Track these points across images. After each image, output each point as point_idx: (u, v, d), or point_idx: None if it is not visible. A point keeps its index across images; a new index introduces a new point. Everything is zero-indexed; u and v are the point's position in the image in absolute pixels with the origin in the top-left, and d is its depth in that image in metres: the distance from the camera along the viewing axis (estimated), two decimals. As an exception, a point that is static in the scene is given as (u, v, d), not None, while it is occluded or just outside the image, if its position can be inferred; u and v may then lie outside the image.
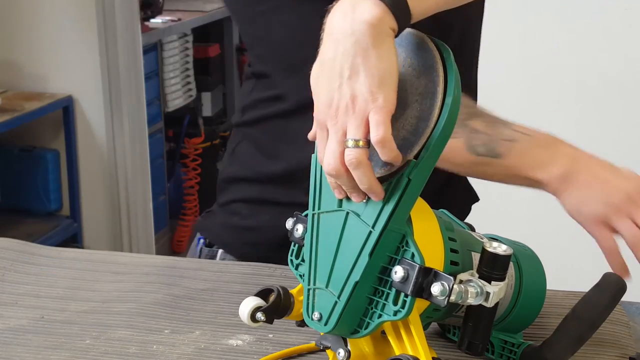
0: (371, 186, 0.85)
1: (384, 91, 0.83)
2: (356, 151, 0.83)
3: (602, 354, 1.06)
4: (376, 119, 0.83)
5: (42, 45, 3.25)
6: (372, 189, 0.86)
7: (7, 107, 3.11)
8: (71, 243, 3.34)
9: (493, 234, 1.07)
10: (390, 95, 0.84)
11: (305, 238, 0.94)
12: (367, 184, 0.85)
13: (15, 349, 1.08)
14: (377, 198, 0.86)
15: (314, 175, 0.95)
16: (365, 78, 0.84)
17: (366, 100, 0.83)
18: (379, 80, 0.84)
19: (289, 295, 0.99)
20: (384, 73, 0.84)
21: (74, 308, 1.19)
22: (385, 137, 0.82)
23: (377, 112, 0.83)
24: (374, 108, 0.83)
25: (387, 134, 0.82)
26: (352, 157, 0.84)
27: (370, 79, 0.84)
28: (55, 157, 3.34)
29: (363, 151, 0.84)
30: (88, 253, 1.39)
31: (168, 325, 1.14)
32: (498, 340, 1.02)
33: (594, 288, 1.00)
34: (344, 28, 0.85)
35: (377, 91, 0.83)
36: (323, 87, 0.87)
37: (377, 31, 0.84)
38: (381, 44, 0.84)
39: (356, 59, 0.84)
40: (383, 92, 0.83)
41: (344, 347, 0.94)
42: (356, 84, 0.84)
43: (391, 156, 0.84)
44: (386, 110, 0.83)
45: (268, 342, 1.09)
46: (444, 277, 0.85)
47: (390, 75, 0.84)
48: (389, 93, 0.84)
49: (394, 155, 0.84)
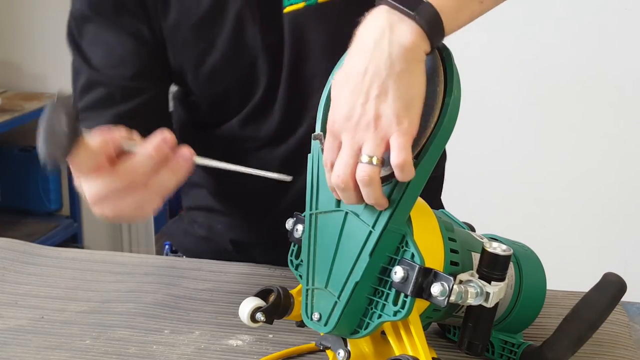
0: (378, 202, 0.86)
1: (409, 116, 0.83)
2: (370, 168, 0.83)
3: (602, 354, 1.06)
4: (399, 142, 0.82)
5: (42, 45, 3.25)
6: (378, 203, 0.86)
7: (7, 107, 3.11)
8: (71, 243, 3.34)
9: (493, 234, 1.07)
10: (415, 121, 0.84)
11: (303, 238, 0.94)
12: (374, 199, 0.85)
13: (15, 349, 1.08)
14: (381, 208, 0.87)
15: (310, 175, 0.94)
16: (394, 101, 0.83)
17: (390, 122, 0.83)
18: (406, 104, 0.83)
19: (289, 296, 0.99)
20: (412, 99, 0.84)
21: (74, 308, 1.19)
22: (407, 161, 0.82)
23: (401, 135, 0.83)
24: (398, 131, 0.83)
25: (409, 158, 0.83)
26: (365, 174, 0.83)
27: (399, 103, 0.83)
28: (55, 157, 3.33)
29: (377, 169, 0.83)
30: (88, 253, 1.39)
31: (168, 325, 1.14)
32: (498, 340, 1.02)
33: (594, 288, 1.00)
34: (380, 47, 0.84)
35: (403, 115, 0.83)
36: (345, 99, 0.86)
37: (412, 56, 0.84)
38: (414, 69, 0.84)
39: (387, 80, 0.83)
40: (409, 117, 0.83)
41: (344, 347, 0.94)
42: (383, 104, 0.83)
43: (408, 178, 0.84)
44: (410, 135, 0.83)
45: (268, 342, 1.09)
46: (443, 277, 0.85)
47: (418, 101, 0.84)
48: (414, 119, 0.84)
49: (410, 177, 0.84)
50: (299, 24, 1.15)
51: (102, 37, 1.18)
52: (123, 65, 1.18)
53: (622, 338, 1.10)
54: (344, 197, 0.87)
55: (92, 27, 1.19)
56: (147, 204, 0.92)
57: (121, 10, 1.17)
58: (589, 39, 2.81)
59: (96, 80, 1.18)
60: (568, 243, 2.91)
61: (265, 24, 1.16)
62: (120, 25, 1.17)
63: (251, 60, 1.18)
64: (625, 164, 2.87)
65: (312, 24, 1.15)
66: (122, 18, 1.17)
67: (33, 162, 3.31)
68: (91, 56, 1.19)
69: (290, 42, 1.16)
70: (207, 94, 1.24)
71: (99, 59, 1.18)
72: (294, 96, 1.20)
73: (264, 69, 1.19)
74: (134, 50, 1.18)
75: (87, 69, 1.19)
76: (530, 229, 2.64)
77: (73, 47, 1.21)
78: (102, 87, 1.18)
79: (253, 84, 1.20)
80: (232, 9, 1.15)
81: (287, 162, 1.22)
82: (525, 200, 2.97)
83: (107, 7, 1.17)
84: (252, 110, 1.23)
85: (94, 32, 1.19)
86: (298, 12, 1.14)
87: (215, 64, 1.19)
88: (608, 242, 2.88)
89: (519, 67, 2.89)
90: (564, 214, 2.92)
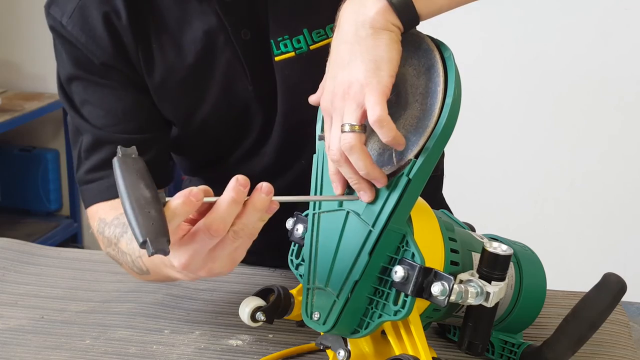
0: (369, 171, 0.85)
1: (378, 75, 0.84)
2: (350, 136, 0.84)
3: (602, 354, 1.06)
4: (371, 100, 0.83)
5: (42, 45, 3.24)
6: (371, 174, 0.85)
7: (7, 107, 3.11)
8: (71, 243, 3.34)
9: (493, 234, 1.07)
10: (385, 80, 0.84)
11: (305, 238, 0.94)
12: (364, 168, 0.85)
13: (15, 349, 1.08)
14: (380, 184, 0.86)
15: (315, 175, 0.95)
16: (362, 63, 0.85)
17: (361, 85, 0.84)
18: (374, 65, 0.84)
19: (289, 295, 0.99)
20: (379, 59, 0.85)
21: (74, 308, 1.19)
22: (382, 116, 0.82)
23: (370, 93, 0.83)
24: (368, 91, 0.83)
25: (383, 113, 0.82)
26: (346, 142, 0.84)
27: (366, 64, 0.84)
28: (55, 157, 3.33)
29: (357, 136, 0.84)
30: (88, 253, 1.39)
31: (168, 325, 1.13)
32: (498, 340, 1.02)
33: (594, 288, 1.00)
34: (349, 22, 0.87)
35: (371, 75, 0.84)
36: (329, 76, 0.89)
37: (377, 25, 0.86)
38: (379, 35, 0.86)
39: (354, 46, 0.86)
40: (377, 77, 0.84)
41: (344, 347, 0.94)
42: (353, 70, 0.85)
43: (391, 135, 0.83)
44: (380, 91, 0.83)
45: (268, 342, 1.09)
46: (444, 277, 0.85)
47: (386, 62, 0.85)
48: (384, 77, 0.84)
49: (394, 134, 0.83)
50: (290, 72, 1.14)
51: (97, 95, 1.16)
52: (125, 121, 1.16)
53: (622, 338, 1.10)
54: (344, 174, 0.87)
55: (83, 85, 1.16)
56: (240, 251, 0.85)
57: (110, 70, 1.14)
58: (588, 39, 2.81)
59: (101, 139, 1.16)
60: (568, 243, 2.91)
61: (256, 74, 1.14)
62: (114, 82, 1.15)
63: (243, 108, 1.17)
64: (626, 164, 2.87)
65: (304, 71, 1.13)
66: (111, 75, 1.15)
67: (33, 162, 3.32)
68: (90, 115, 1.16)
69: (282, 90, 1.15)
70: (198, 142, 1.22)
71: (99, 117, 1.16)
72: (288, 138, 1.18)
73: (256, 114, 1.17)
74: (133, 101, 1.16)
75: (90, 128, 1.16)
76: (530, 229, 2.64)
77: (69, 106, 1.18)
78: (109, 145, 1.15)
79: (245, 126, 1.19)
80: (220, 61, 1.14)
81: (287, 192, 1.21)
82: (525, 200, 2.97)
83: (94, 68, 1.14)
84: (245, 151, 1.21)
85: (87, 91, 1.16)
86: (289, 61, 1.13)
87: (205, 117, 1.17)
88: (608, 242, 2.88)
89: (519, 68, 2.89)
90: (564, 214, 2.92)
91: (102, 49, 1.13)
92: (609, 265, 1.35)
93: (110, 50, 1.13)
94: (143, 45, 1.13)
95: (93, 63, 1.14)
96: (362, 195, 0.88)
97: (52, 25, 1.16)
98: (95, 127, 1.16)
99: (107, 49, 1.13)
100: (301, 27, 1.13)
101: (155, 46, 1.14)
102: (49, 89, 3.29)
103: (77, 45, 1.14)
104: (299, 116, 1.11)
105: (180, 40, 1.13)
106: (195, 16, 1.13)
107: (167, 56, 1.14)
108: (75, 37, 1.13)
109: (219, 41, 1.13)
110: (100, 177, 1.16)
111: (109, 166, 1.14)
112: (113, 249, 1.12)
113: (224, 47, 1.13)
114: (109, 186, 1.15)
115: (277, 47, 1.13)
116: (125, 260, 1.10)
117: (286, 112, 1.16)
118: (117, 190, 1.06)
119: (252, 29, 1.13)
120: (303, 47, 1.13)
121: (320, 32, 1.13)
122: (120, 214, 1.10)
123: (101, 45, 1.13)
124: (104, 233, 1.14)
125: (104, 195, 1.16)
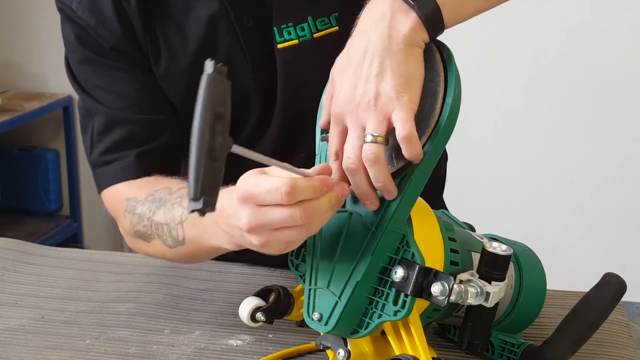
0: (386, 183, 0.85)
1: (409, 92, 0.85)
2: (375, 146, 0.84)
3: (602, 354, 1.06)
4: (402, 115, 0.83)
5: (42, 45, 3.25)
6: (387, 186, 0.86)
7: (7, 107, 3.11)
8: (71, 243, 3.34)
9: (493, 234, 1.07)
10: (415, 97, 0.85)
11: (308, 239, 0.94)
12: (382, 181, 0.85)
13: (15, 349, 1.08)
14: (390, 196, 0.87)
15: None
16: (392, 78, 0.85)
17: (390, 99, 0.84)
18: (405, 81, 0.85)
19: (289, 295, 0.99)
20: (411, 76, 0.85)
21: (74, 308, 1.19)
22: (412, 133, 0.83)
23: (402, 109, 0.84)
24: (398, 106, 0.84)
25: (413, 130, 0.83)
26: (370, 152, 0.84)
27: (397, 80, 0.85)
28: (55, 157, 3.33)
29: (381, 147, 0.84)
30: (88, 253, 1.39)
31: (168, 325, 1.13)
32: (498, 340, 1.02)
33: (594, 288, 1.00)
34: (379, 29, 0.87)
35: (402, 91, 0.84)
36: (346, 81, 0.87)
37: (409, 41, 0.86)
38: (411, 51, 0.86)
39: (386, 59, 0.85)
40: (408, 93, 0.84)
41: (344, 347, 0.94)
42: (382, 82, 0.85)
43: (415, 152, 0.85)
44: (411, 108, 0.84)
45: (268, 342, 1.09)
46: (444, 277, 0.85)
47: (416, 80, 0.86)
48: (414, 95, 0.85)
49: (418, 152, 0.85)
50: (292, 60, 1.14)
51: (108, 79, 1.16)
52: (138, 103, 1.16)
53: (622, 338, 1.10)
54: (355, 183, 0.87)
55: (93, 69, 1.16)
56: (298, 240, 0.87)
57: (119, 54, 1.15)
58: (589, 39, 2.81)
59: (115, 120, 1.16)
60: (568, 243, 2.91)
61: (257, 61, 1.14)
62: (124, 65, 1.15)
63: (242, 97, 1.16)
64: (625, 164, 2.87)
65: (306, 60, 1.13)
66: (121, 59, 1.15)
67: (33, 162, 3.31)
68: (103, 98, 1.16)
69: (283, 78, 1.14)
70: None
71: (111, 101, 1.16)
72: (287, 129, 1.18)
73: (255, 103, 1.17)
74: (143, 84, 1.16)
75: (103, 109, 1.16)
76: (530, 229, 2.64)
77: (80, 90, 1.18)
78: (123, 126, 1.15)
79: (244, 116, 1.19)
80: (221, 48, 1.13)
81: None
82: (525, 200, 2.97)
83: (104, 52, 1.15)
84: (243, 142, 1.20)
85: (97, 75, 1.17)
86: (292, 49, 1.13)
87: None
88: (608, 242, 2.88)
89: (519, 68, 2.89)
90: (564, 214, 2.92)
91: (112, 33, 1.13)
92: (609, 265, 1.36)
93: (120, 34, 1.13)
94: (150, 31, 1.14)
95: (102, 47, 1.14)
96: (368, 205, 0.88)
97: (61, 8, 1.16)
98: (110, 108, 1.16)
99: (117, 33, 1.13)
100: (306, 14, 1.12)
101: (159, 31, 1.14)
102: (49, 89, 3.29)
103: (87, 29, 1.14)
104: (299, 106, 1.11)
105: (184, 26, 1.14)
106: (200, 2, 1.13)
107: (172, 43, 1.14)
108: (85, 21, 1.14)
109: (221, 27, 1.13)
110: (116, 159, 1.16)
111: (123, 147, 1.15)
112: (144, 225, 1.11)
113: (225, 33, 1.13)
114: (126, 166, 1.15)
115: (280, 34, 1.12)
116: (159, 233, 1.09)
117: (286, 102, 1.16)
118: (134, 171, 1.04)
119: (255, 16, 1.12)
120: (307, 35, 1.12)
121: (325, 20, 1.13)
122: (155, 191, 1.10)
123: (111, 29, 1.13)
124: (134, 211, 1.12)
125: (122, 176, 1.16)
